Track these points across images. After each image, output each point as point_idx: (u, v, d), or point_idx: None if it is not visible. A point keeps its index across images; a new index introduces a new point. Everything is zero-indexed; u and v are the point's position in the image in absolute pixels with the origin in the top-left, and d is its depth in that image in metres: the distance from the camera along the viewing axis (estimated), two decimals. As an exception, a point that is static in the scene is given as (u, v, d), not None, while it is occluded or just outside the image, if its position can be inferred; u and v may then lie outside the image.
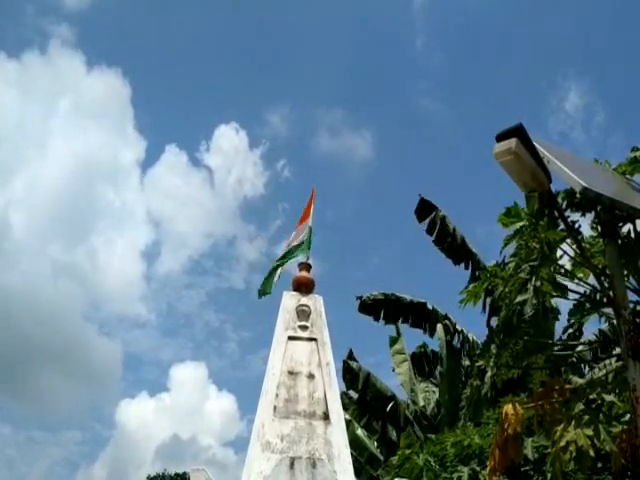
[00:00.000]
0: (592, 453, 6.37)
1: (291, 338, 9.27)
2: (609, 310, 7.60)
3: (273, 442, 8.44)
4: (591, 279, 7.66)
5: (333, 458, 8.34)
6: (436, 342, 20.03)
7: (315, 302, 9.56)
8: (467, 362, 18.02)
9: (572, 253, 7.62)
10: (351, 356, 21.86)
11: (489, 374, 8.02)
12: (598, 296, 7.33)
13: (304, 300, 9.52)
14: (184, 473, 44.74)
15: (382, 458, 18.93)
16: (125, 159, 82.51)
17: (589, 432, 6.49)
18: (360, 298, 20.15)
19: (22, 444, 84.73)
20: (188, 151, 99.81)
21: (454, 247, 18.78)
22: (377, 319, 20.14)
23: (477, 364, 7.99)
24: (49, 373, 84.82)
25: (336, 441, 8.53)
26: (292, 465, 7.88)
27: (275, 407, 8.68)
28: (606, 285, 6.99)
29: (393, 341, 21.89)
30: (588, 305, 8.02)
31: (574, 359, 8.53)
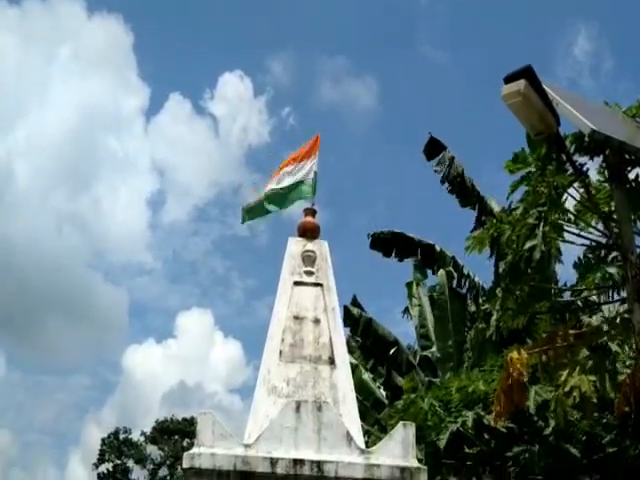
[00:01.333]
0: (595, 398, 6.42)
1: (297, 283, 9.27)
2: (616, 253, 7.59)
3: (279, 386, 8.52)
4: (598, 225, 7.63)
5: (338, 401, 8.42)
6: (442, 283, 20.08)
7: (320, 247, 9.54)
8: (473, 307, 18.04)
9: (579, 199, 7.57)
10: (355, 302, 21.92)
11: (494, 317, 8.05)
12: (605, 241, 7.32)
13: (309, 246, 9.50)
14: (192, 418, 45.39)
15: (387, 402, 19.13)
16: (128, 107, 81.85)
17: (593, 378, 6.52)
18: (371, 235, 20.15)
19: (31, 388, 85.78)
20: (192, 99, 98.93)
21: (462, 188, 18.56)
22: (387, 255, 20.16)
23: (483, 307, 8.02)
24: (55, 320, 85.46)
25: (341, 385, 8.60)
26: (298, 408, 7.94)
27: (281, 352, 8.73)
28: (613, 230, 6.96)
29: (410, 284, 21.78)
30: (593, 260, 8.01)
31: (579, 305, 8.52)
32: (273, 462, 7.60)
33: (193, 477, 7.60)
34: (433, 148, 19.02)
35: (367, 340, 20.34)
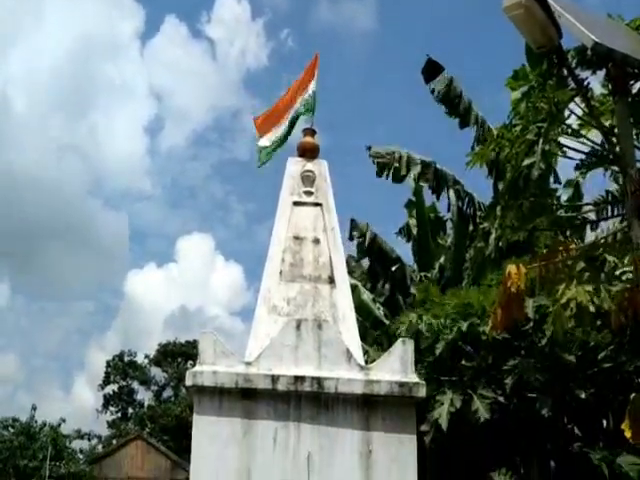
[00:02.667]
0: (592, 309, 6.47)
1: (296, 204, 9.25)
2: (616, 169, 7.55)
3: (279, 305, 8.59)
4: (599, 139, 7.57)
5: (338, 320, 8.50)
6: (443, 204, 20.02)
7: (320, 167, 9.48)
8: (472, 227, 18.04)
9: (580, 113, 7.49)
10: (354, 225, 21.88)
11: (493, 236, 8.06)
12: (605, 155, 7.27)
13: (309, 166, 9.43)
14: (194, 341, 46.04)
15: (387, 322, 19.33)
16: (123, 31, 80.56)
17: (590, 289, 6.56)
18: (369, 148, 19.88)
19: (35, 315, 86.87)
20: (188, 22, 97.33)
21: (462, 110, 18.32)
22: (381, 174, 19.97)
23: (482, 226, 8.02)
24: (57, 248, 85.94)
25: (341, 304, 8.67)
26: (298, 327, 8.02)
27: (281, 271, 8.77)
28: (614, 143, 6.90)
29: (411, 204, 21.68)
30: (593, 164, 7.98)
31: (578, 221, 8.53)
32: (274, 379, 7.73)
33: (196, 394, 7.74)
34: (432, 70, 18.68)
35: (372, 255, 20.42)
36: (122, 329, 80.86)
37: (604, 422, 11.48)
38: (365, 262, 22.04)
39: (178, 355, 54.10)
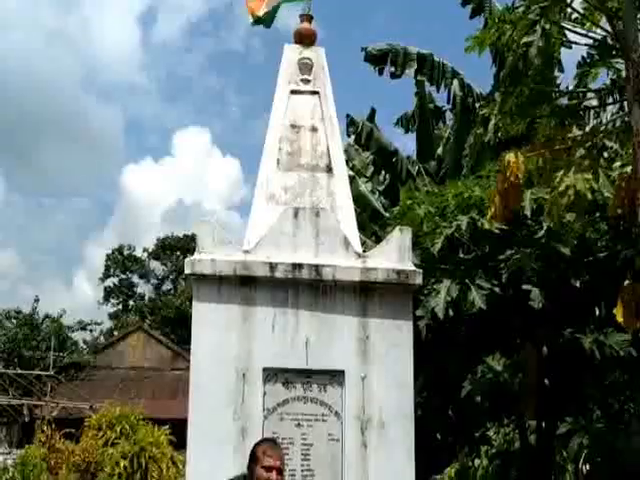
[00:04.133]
0: (590, 196, 6.48)
1: (293, 92, 9.07)
2: (620, 62, 7.40)
3: (277, 194, 8.56)
4: (603, 26, 7.38)
5: (336, 208, 8.49)
6: (442, 97, 19.79)
7: (317, 55, 9.25)
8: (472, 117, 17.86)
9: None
10: (351, 121, 21.65)
11: (493, 122, 7.96)
12: (609, 40, 7.11)
13: (306, 52, 9.21)
14: (192, 235, 46.35)
15: (386, 214, 19.39)
16: None
17: (588, 176, 6.55)
18: (365, 49, 19.53)
19: (32, 211, 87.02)
20: None
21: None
22: (381, 72, 19.69)
23: (481, 112, 7.91)
24: (51, 142, 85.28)
25: (339, 192, 8.63)
26: (296, 215, 8.01)
27: (278, 160, 8.70)
28: (619, 28, 6.74)
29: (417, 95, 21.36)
30: (597, 56, 7.81)
31: (580, 109, 8.42)
32: (272, 266, 7.78)
33: (195, 282, 7.81)
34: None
35: (369, 149, 20.31)
36: (120, 225, 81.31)
37: (597, 311, 11.68)
38: (365, 155, 21.96)
39: (177, 249, 54.58)
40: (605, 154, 7.81)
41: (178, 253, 53.97)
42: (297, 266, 7.81)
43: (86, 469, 19.18)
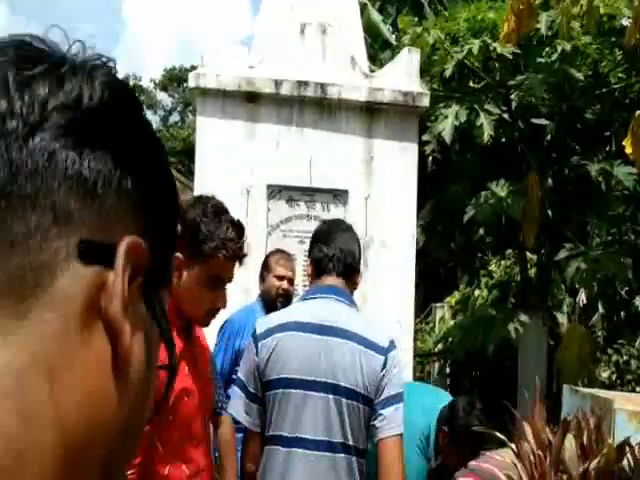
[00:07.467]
0: (602, 10, 6.23)
1: None
2: None
3: (283, 8, 8.24)
4: None
5: (343, 27, 8.20)
6: None
7: None
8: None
9: None
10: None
11: None
12: None
13: None
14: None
15: (395, 44, 18.81)
16: None
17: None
18: None
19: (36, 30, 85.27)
20: None
21: None
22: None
23: None
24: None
25: (346, 9, 8.28)
26: (303, 31, 7.78)
27: None
28: None
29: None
30: None
31: None
32: (278, 83, 7.64)
33: (199, 97, 7.69)
34: None
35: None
36: (125, 54, 79.67)
37: (607, 145, 11.58)
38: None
39: (184, 81, 53.68)
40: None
41: (185, 85, 53.11)
42: (302, 84, 7.66)
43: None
